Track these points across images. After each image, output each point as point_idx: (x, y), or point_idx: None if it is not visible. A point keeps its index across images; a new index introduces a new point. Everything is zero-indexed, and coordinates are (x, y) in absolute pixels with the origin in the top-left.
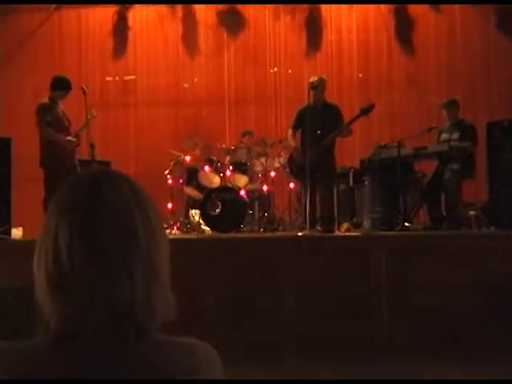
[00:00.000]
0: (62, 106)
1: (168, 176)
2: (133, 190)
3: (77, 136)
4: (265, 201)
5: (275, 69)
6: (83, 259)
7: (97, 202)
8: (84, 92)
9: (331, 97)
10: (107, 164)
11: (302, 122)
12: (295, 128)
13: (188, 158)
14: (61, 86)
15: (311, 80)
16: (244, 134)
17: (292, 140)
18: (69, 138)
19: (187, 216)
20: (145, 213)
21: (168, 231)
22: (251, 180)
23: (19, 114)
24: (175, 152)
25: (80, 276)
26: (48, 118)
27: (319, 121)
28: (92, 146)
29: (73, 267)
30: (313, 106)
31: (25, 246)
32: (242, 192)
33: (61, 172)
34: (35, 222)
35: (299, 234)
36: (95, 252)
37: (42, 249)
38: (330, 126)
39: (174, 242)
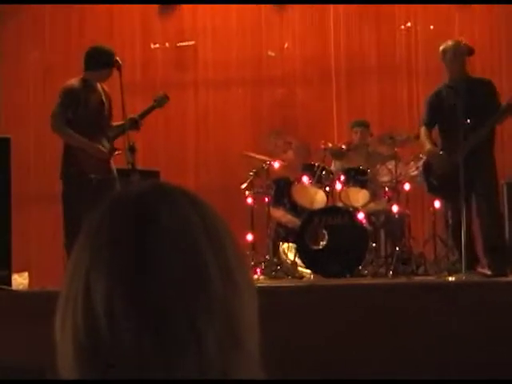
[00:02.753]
0: (105, 89)
1: (246, 192)
2: (200, 214)
3: (111, 140)
4: (395, 228)
5: (408, 24)
6: (128, 318)
7: (146, 233)
8: (118, 67)
9: (495, 72)
10: (155, 175)
11: (436, 114)
12: (429, 124)
13: (277, 165)
14: (98, 61)
15: (442, 47)
16: (359, 126)
17: (427, 141)
18: (96, 145)
19: (276, 253)
20: (219, 247)
21: None
22: (374, 196)
23: (22, 105)
24: (256, 156)
25: (124, 343)
26: (69, 111)
27: (464, 106)
28: (131, 149)
29: (113, 330)
30: (449, 87)
31: (34, 300)
32: (361, 215)
33: (86, 193)
34: (48, 262)
35: (450, 278)
36: (146, 307)
37: (68, 305)
38: (481, 111)
39: (259, 292)
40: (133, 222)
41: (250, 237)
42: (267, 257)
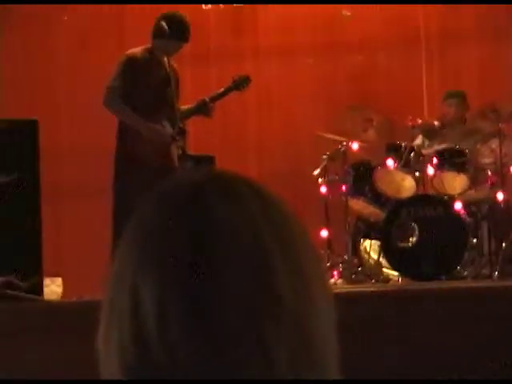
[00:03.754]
0: (173, 65)
1: (319, 180)
2: (267, 210)
3: (179, 122)
4: (501, 220)
5: None
6: (185, 333)
7: (203, 232)
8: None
9: None
10: (210, 161)
11: None
12: None
13: (355, 147)
14: (170, 31)
15: None
16: (454, 98)
17: None
18: (156, 126)
19: (356, 251)
20: (290, 250)
21: None
22: (474, 182)
23: (52, 82)
24: (330, 136)
25: (180, 362)
26: (128, 85)
27: None
28: (181, 132)
29: (166, 347)
30: None
31: (70, 311)
32: (459, 205)
33: (141, 183)
34: (86, 267)
35: None
36: (205, 320)
37: (113, 315)
38: None
39: (336, 299)
40: (186, 219)
41: (324, 233)
42: (345, 257)
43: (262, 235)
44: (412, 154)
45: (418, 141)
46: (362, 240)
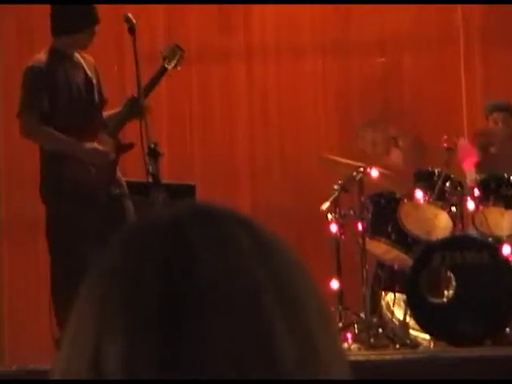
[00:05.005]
0: (87, 59)
1: (329, 216)
2: (263, 252)
3: (113, 135)
4: None
5: None
6: None
7: (181, 282)
8: (131, 29)
9: None
10: (189, 191)
11: None
12: None
13: (375, 173)
14: (69, 21)
15: None
16: (501, 111)
17: None
18: (94, 145)
19: (376, 308)
20: (291, 303)
21: None
22: None
23: None
24: (343, 160)
25: None
26: (45, 100)
27: None
28: (153, 153)
29: None
30: None
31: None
32: (507, 249)
33: (83, 220)
34: (28, 327)
35: None
36: (179, 375)
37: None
38: None
39: (351, 369)
40: (161, 266)
41: (335, 284)
42: (362, 315)
43: (255, 283)
44: (448, 184)
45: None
46: (383, 293)
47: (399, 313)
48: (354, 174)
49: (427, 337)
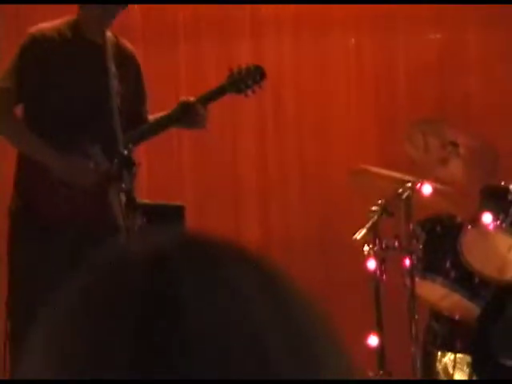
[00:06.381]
0: (120, 42)
1: (364, 248)
2: (270, 298)
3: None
4: None
5: None
6: None
7: (164, 336)
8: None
9: None
10: (176, 214)
11: None
12: None
13: (428, 190)
14: None
15: None
16: None
17: None
18: (76, 159)
19: (431, 372)
20: (297, 351)
21: None
22: None
23: None
24: (385, 172)
25: None
26: (29, 89)
27: None
28: (126, 163)
29: None
30: None
31: None
32: None
33: (57, 244)
34: None
35: None
36: None
37: None
38: None
39: None
40: (142, 306)
41: (374, 341)
42: None
43: (265, 343)
44: None
45: None
46: (439, 354)
47: (462, 378)
48: (400, 190)
49: None
